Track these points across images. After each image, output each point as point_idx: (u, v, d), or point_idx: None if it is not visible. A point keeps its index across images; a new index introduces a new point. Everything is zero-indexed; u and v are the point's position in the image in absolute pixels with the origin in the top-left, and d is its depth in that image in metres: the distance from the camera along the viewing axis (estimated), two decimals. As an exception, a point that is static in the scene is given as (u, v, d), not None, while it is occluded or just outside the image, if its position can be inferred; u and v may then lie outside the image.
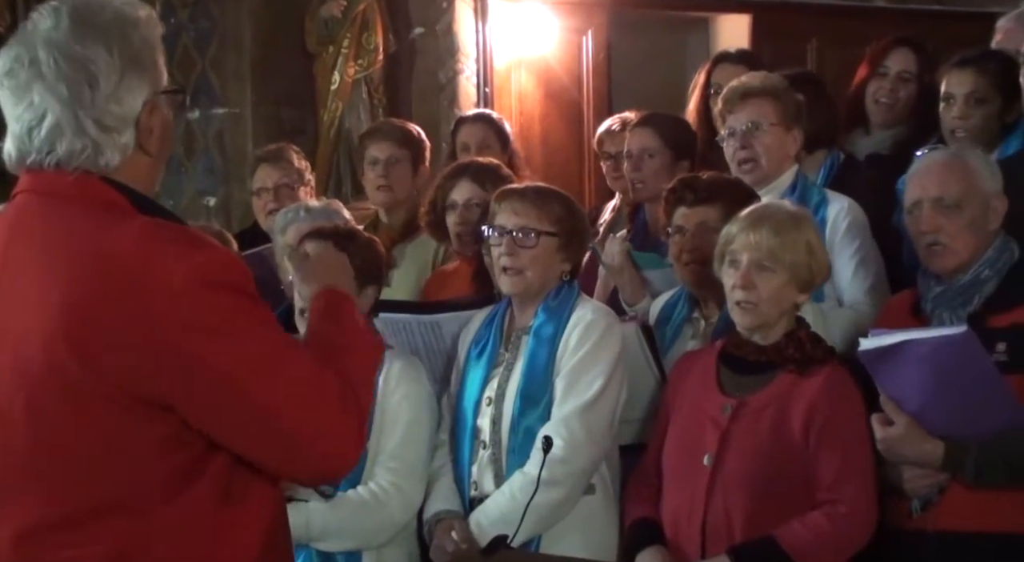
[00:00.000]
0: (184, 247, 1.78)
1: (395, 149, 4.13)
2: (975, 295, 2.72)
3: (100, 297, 1.74)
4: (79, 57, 1.80)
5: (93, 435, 1.78)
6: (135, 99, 1.83)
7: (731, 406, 2.70)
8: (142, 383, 1.75)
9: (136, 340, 1.73)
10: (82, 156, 1.81)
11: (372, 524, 2.90)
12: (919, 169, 2.84)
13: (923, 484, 2.64)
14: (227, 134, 6.08)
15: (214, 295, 1.76)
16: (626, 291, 3.37)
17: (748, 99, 3.38)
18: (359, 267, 3.01)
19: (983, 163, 2.84)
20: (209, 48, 6.08)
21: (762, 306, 2.70)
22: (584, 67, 6.16)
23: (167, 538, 1.80)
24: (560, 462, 2.76)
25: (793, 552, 2.58)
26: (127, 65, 1.82)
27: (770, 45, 6.03)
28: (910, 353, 2.54)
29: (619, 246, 3.39)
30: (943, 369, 2.53)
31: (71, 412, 1.77)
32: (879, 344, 2.57)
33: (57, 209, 1.83)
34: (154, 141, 1.88)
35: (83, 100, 1.80)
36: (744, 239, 2.71)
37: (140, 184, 1.88)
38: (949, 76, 3.54)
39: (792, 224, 2.72)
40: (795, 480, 2.64)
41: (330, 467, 1.89)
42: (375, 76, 5.97)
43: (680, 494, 2.72)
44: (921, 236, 2.78)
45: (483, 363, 2.97)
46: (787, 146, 3.38)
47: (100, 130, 1.81)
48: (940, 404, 2.56)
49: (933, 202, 2.76)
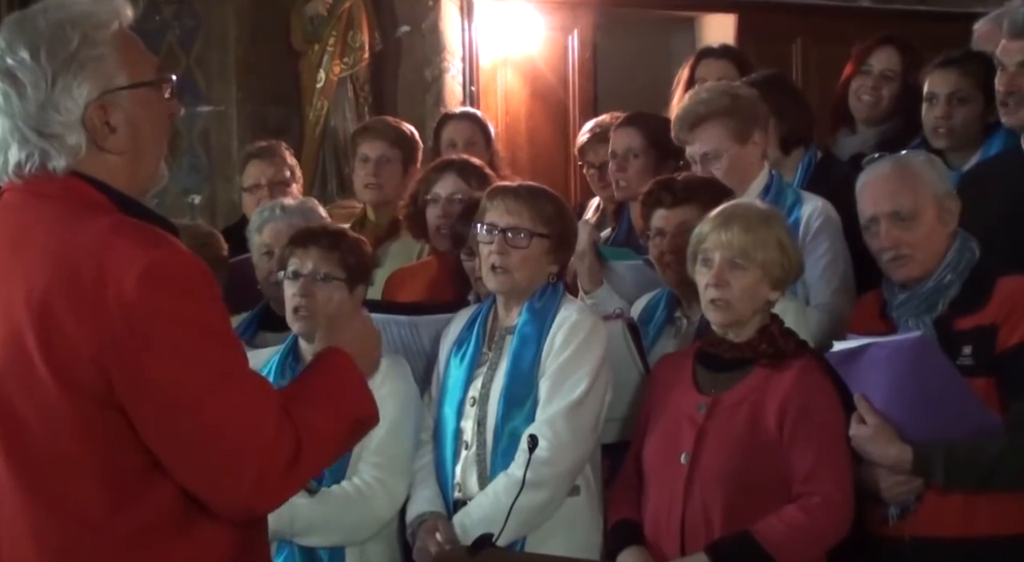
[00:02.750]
0: (140, 246, 1.76)
1: (386, 148, 4.13)
2: (939, 300, 2.71)
3: (60, 293, 1.75)
4: (7, 69, 1.80)
5: (53, 426, 1.77)
6: (75, 101, 1.81)
7: (706, 404, 2.71)
8: (95, 384, 1.74)
9: (89, 339, 1.73)
10: (28, 164, 1.81)
11: (356, 519, 2.91)
12: (867, 183, 2.81)
13: (900, 491, 2.64)
14: (212, 132, 6.06)
15: (164, 298, 1.74)
16: (583, 277, 3.39)
17: (697, 127, 3.32)
18: (352, 265, 3.02)
19: (929, 166, 2.81)
20: (194, 46, 6.05)
21: (735, 304, 2.71)
22: (570, 66, 6.17)
23: (119, 546, 1.78)
24: (545, 463, 2.76)
25: (769, 546, 2.58)
26: (60, 68, 1.80)
27: (755, 44, 6.05)
28: (871, 357, 2.56)
29: (586, 232, 3.39)
30: (903, 372, 2.54)
31: (33, 401, 1.77)
32: (845, 347, 2.60)
33: (36, 207, 1.83)
34: (118, 139, 1.85)
35: (16, 110, 1.80)
36: (716, 238, 2.72)
37: (120, 182, 1.86)
38: (932, 76, 3.55)
39: (762, 221, 2.73)
40: (772, 474, 2.64)
41: (251, 502, 1.79)
42: (361, 74, 5.96)
43: (660, 493, 2.73)
44: (882, 252, 2.77)
45: (465, 363, 2.96)
46: (749, 157, 3.33)
47: (42, 137, 1.81)
48: (903, 406, 2.58)
49: (888, 217, 2.74)
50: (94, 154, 1.84)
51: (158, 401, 1.74)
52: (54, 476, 1.79)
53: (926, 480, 2.60)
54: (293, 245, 3.06)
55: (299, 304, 2.98)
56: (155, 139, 1.93)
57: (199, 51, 6.07)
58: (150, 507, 1.79)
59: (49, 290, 1.75)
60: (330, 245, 3.02)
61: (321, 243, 3.02)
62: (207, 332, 1.78)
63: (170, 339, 1.74)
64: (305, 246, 3.03)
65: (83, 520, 1.78)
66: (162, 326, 1.73)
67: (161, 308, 1.74)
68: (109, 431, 1.77)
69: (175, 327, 1.74)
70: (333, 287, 3.00)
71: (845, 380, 2.64)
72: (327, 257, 3.00)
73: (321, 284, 2.99)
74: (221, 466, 1.76)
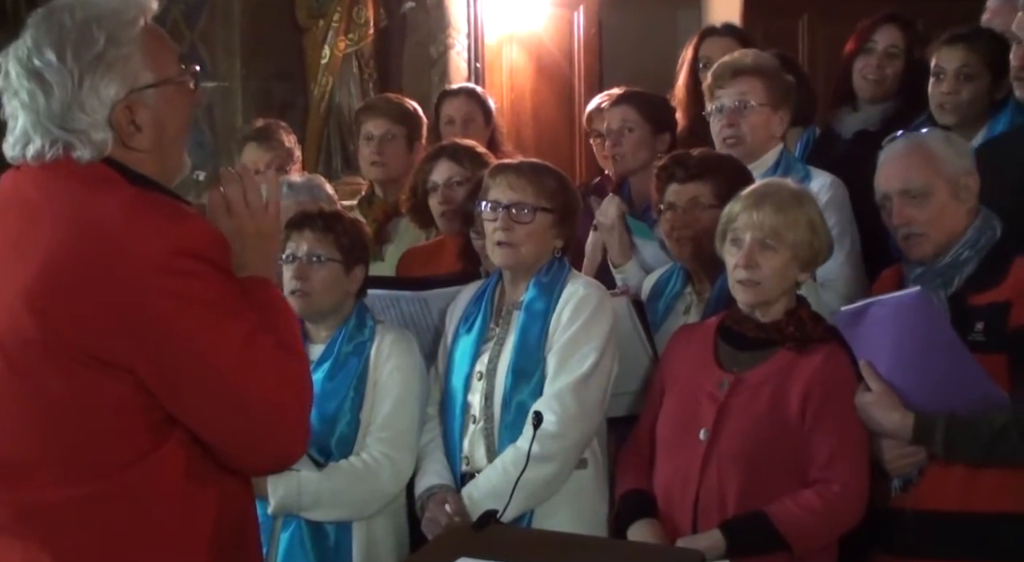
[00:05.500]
0: (167, 218, 1.79)
1: (391, 126, 4.14)
2: (955, 276, 2.72)
3: (76, 259, 1.76)
4: (35, 69, 1.82)
5: (52, 389, 1.79)
6: (102, 102, 1.83)
7: (728, 381, 2.71)
8: (104, 344, 1.76)
9: (106, 300, 1.75)
10: (52, 152, 1.83)
11: (364, 493, 2.92)
12: (884, 161, 2.83)
13: (904, 464, 2.65)
14: (217, 108, 6.04)
15: (191, 265, 1.77)
16: (614, 250, 3.41)
17: (738, 77, 3.38)
18: (347, 247, 3.04)
19: (945, 144, 2.81)
20: (199, 21, 6.03)
21: (765, 284, 2.70)
22: (575, 42, 6.15)
23: (146, 490, 1.81)
24: (552, 437, 2.77)
25: (784, 529, 2.59)
26: (86, 69, 1.81)
27: (762, 21, 6.04)
28: (874, 316, 2.57)
29: (614, 205, 3.42)
30: (903, 329, 2.55)
31: (29, 367, 1.80)
32: (849, 308, 2.62)
33: (51, 180, 1.85)
34: (144, 137, 1.87)
35: (41, 108, 1.82)
36: (747, 218, 2.71)
37: (143, 173, 1.88)
38: (939, 52, 3.54)
39: (794, 202, 2.73)
40: (789, 457, 2.64)
41: (283, 452, 1.89)
42: (366, 50, 5.94)
43: (674, 467, 2.73)
44: (895, 229, 2.78)
45: (472, 338, 2.97)
46: (773, 126, 3.39)
47: (67, 132, 1.82)
48: (906, 369, 2.59)
49: (900, 194, 2.76)
50: (120, 150, 1.86)
51: (188, 356, 1.78)
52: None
53: (927, 449, 2.61)
54: (289, 228, 3.08)
55: (295, 287, 2.99)
56: (179, 133, 1.95)
57: (204, 27, 6.05)
58: (158, 463, 1.82)
59: (66, 255, 1.77)
60: (325, 227, 3.03)
61: (316, 226, 3.04)
62: (228, 300, 1.82)
63: (195, 309, 1.77)
64: (300, 229, 3.04)
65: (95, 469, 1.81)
66: (190, 284, 1.77)
67: (188, 269, 1.77)
68: (107, 392, 1.80)
69: (201, 285, 1.78)
70: (328, 269, 3.01)
71: (851, 346, 2.65)
72: (322, 239, 3.02)
73: (317, 266, 3.00)
74: (256, 424, 1.82)
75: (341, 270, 3.03)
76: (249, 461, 1.89)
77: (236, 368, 1.80)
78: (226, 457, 1.86)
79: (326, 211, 3.16)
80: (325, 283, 3.00)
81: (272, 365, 1.83)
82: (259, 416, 1.82)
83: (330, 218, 3.08)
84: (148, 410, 1.81)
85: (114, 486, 1.81)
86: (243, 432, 1.83)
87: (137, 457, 1.81)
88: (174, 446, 1.83)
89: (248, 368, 1.80)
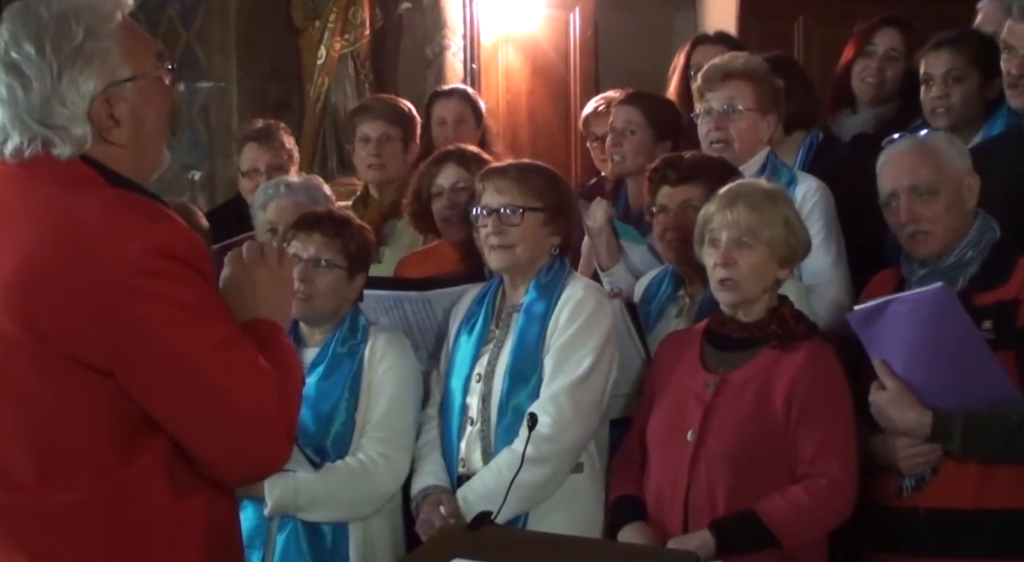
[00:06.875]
0: (145, 219, 1.79)
1: (387, 127, 4.14)
2: (960, 276, 2.74)
3: (54, 259, 1.76)
4: (12, 62, 1.81)
5: (32, 392, 1.79)
6: (81, 95, 1.82)
7: (714, 382, 2.72)
8: (82, 345, 1.76)
9: (84, 301, 1.74)
10: (30, 148, 1.82)
11: (360, 493, 2.92)
12: (888, 160, 2.85)
13: (917, 462, 2.66)
14: (212, 108, 6.05)
15: (169, 266, 1.77)
16: (601, 254, 3.42)
17: (728, 80, 3.38)
18: (354, 254, 3.02)
19: (949, 144, 2.85)
20: (195, 21, 6.03)
21: (744, 283, 2.72)
22: (571, 44, 6.15)
23: (129, 497, 1.81)
24: (547, 439, 2.78)
25: (773, 525, 2.60)
26: (65, 62, 1.81)
27: (757, 23, 6.04)
28: (893, 312, 2.59)
29: (602, 209, 3.43)
30: (924, 326, 2.56)
31: (7, 369, 1.79)
32: (866, 306, 2.62)
33: (29, 180, 1.84)
34: (123, 132, 1.86)
35: (20, 103, 1.81)
36: (722, 217, 2.73)
37: (123, 170, 1.87)
38: (927, 58, 3.56)
39: (768, 200, 2.75)
40: (777, 455, 2.66)
41: (263, 459, 1.86)
42: (362, 51, 5.94)
43: (664, 470, 2.74)
44: (902, 227, 2.79)
45: (473, 340, 2.98)
46: (760, 131, 3.39)
47: (47, 128, 1.82)
48: (924, 368, 2.60)
49: (908, 191, 2.77)
50: (99, 145, 1.85)
51: (166, 359, 1.77)
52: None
53: (944, 448, 2.62)
54: (297, 228, 3.05)
55: (297, 289, 2.97)
56: (157, 127, 1.95)
57: (200, 26, 6.05)
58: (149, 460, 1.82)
59: (45, 258, 1.76)
60: (334, 232, 3.01)
61: (325, 229, 3.01)
62: (207, 303, 1.81)
63: (173, 311, 1.76)
64: (309, 231, 3.02)
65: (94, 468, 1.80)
66: (168, 286, 1.76)
67: (166, 270, 1.76)
68: (91, 393, 1.79)
69: (180, 287, 1.77)
70: (333, 274, 2.99)
71: (865, 346, 2.66)
72: (330, 244, 3.00)
73: (322, 270, 2.99)
74: (236, 428, 1.80)
75: (345, 277, 3.02)
76: (228, 468, 1.86)
77: (213, 370, 1.78)
78: (205, 464, 1.84)
79: (336, 215, 3.13)
80: (327, 289, 2.99)
81: (252, 370, 1.81)
82: (237, 420, 1.80)
83: (340, 222, 3.06)
84: (129, 415, 1.80)
85: (96, 493, 1.80)
86: (221, 436, 1.81)
87: (119, 464, 1.80)
88: (157, 454, 1.82)
89: (225, 370, 1.78)
